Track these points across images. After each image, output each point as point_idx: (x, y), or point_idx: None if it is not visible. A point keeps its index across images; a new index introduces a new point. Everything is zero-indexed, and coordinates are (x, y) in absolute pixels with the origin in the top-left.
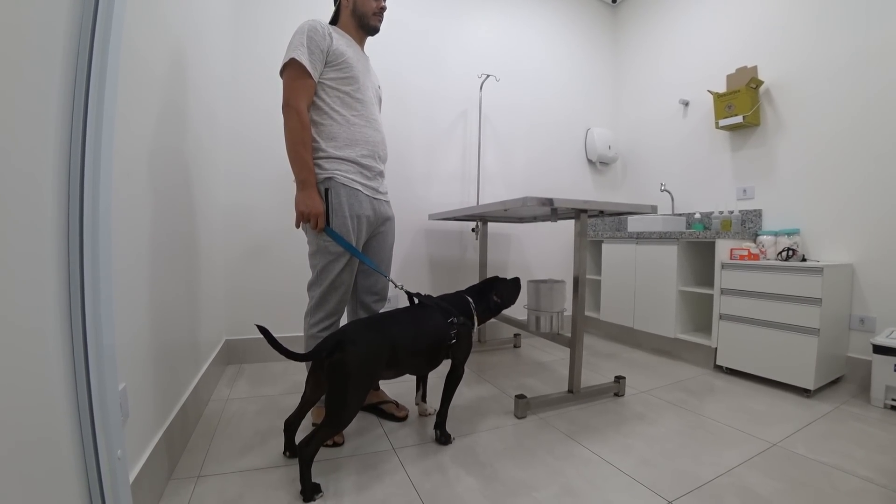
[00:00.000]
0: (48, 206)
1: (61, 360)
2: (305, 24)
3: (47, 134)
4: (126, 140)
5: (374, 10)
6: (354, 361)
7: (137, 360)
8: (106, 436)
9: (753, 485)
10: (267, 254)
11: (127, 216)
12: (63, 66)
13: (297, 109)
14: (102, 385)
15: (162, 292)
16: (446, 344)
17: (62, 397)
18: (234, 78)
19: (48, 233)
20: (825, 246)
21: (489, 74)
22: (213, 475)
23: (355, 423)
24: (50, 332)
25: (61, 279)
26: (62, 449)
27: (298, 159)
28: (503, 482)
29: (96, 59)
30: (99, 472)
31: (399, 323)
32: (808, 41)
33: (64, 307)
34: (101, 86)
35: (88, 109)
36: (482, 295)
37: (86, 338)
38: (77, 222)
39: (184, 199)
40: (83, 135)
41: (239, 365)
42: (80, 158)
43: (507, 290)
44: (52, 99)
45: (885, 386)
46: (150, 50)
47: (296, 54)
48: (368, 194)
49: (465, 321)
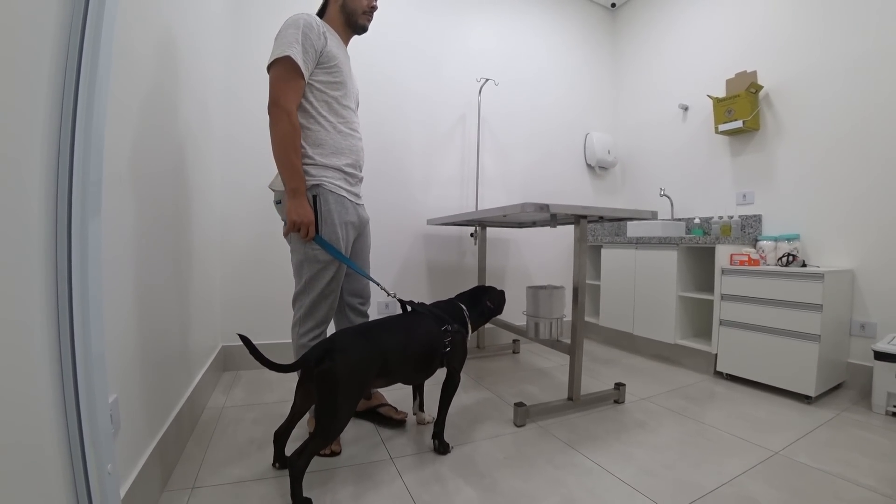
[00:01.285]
0: (34, 210)
1: (48, 371)
2: (300, 18)
3: (34, 135)
4: (117, 142)
5: (365, 9)
6: (344, 370)
7: (129, 370)
8: (95, 450)
9: (756, 494)
10: (263, 260)
11: (116, 220)
12: (52, 65)
13: (288, 111)
14: (91, 396)
15: (154, 298)
16: (441, 352)
17: (49, 410)
18: (228, 81)
19: (34, 239)
20: (825, 251)
21: (488, 79)
22: (207, 486)
23: (352, 431)
24: (36, 341)
25: (48, 285)
26: (49, 464)
27: (290, 166)
28: (503, 493)
29: (86, 57)
30: (88, 488)
31: (390, 330)
32: (808, 46)
33: (51, 315)
34: (91, 84)
35: (77, 111)
36: (475, 301)
37: (74, 347)
38: (65, 225)
39: (176, 202)
40: (72, 135)
41: (235, 372)
42: (69, 160)
43: (497, 297)
44: (41, 99)
45: (887, 392)
46: (143, 48)
47: (290, 51)
48: (353, 200)
49: (458, 328)
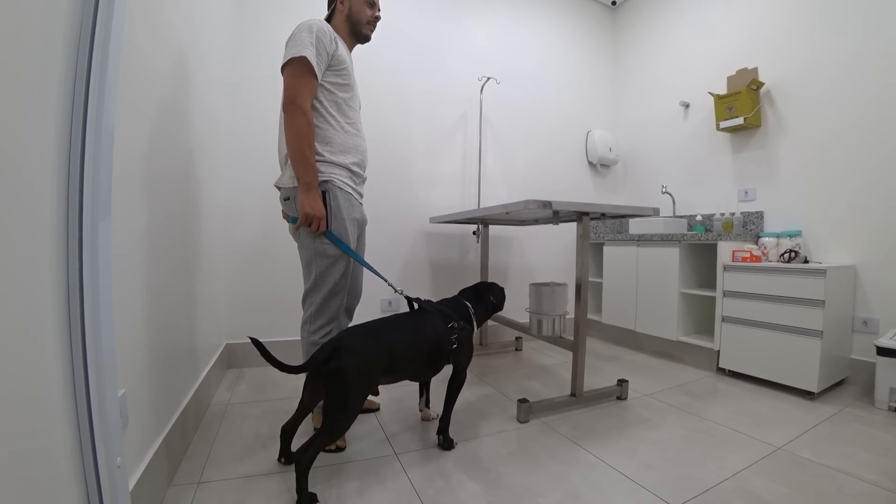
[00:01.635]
0: (47, 210)
1: (60, 366)
2: (312, 23)
3: (46, 136)
4: (126, 142)
5: (369, 19)
6: (352, 369)
7: (137, 365)
8: (105, 443)
9: (759, 489)
10: (268, 257)
11: (126, 219)
12: (62, 67)
13: (304, 108)
14: (102, 391)
15: (162, 296)
16: (447, 349)
17: (60, 404)
18: (233, 79)
19: (47, 236)
20: (827, 247)
21: (490, 77)
22: (213, 481)
23: (356, 428)
24: (48, 336)
25: (60, 283)
26: (60, 457)
27: (305, 161)
28: (507, 488)
29: (96, 59)
30: (98, 481)
31: (397, 329)
32: (808, 42)
33: (63, 311)
34: (101, 86)
35: (88, 110)
36: (478, 298)
37: (84, 343)
38: (76, 225)
39: (183, 202)
40: (83, 136)
41: (240, 369)
42: (80, 161)
43: (499, 293)
44: (52, 100)
45: (889, 388)
46: (151, 50)
47: (305, 52)
48: (357, 199)
49: (465, 325)
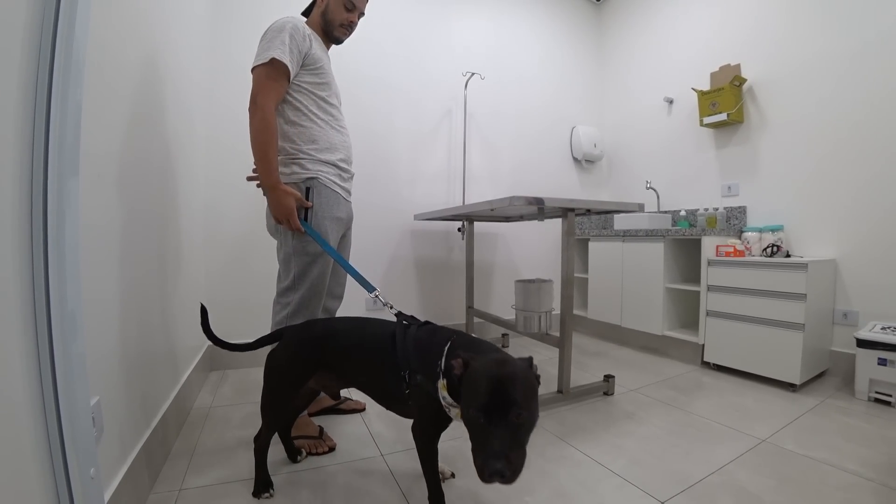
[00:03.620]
0: (7, 206)
1: (26, 373)
2: (286, 21)
3: (5, 131)
4: (97, 142)
5: (343, 22)
6: (278, 357)
7: (112, 371)
8: (77, 454)
9: (744, 482)
10: (249, 259)
11: (99, 220)
12: (22, 62)
13: (265, 108)
14: (73, 399)
15: (138, 298)
16: (398, 388)
17: (28, 414)
18: (210, 79)
19: (7, 236)
20: (809, 242)
21: (474, 73)
22: (195, 488)
23: (342, 427)
24: (11, 341)
25: (23, 283)
26: (30, 470)
27: (266, 161)
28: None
29: (59, 53)
30: (70, 494)
31: (347, 325)
32: (791, 39)
33: (27, 314)
34: (64, 82)
35: (52, 107)
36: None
37: (52, 347)
38: (41, 222)
39: (160, 203)
40: (46, 134)
41: (223, 371)
42: (43, 158)
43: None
44: (10, 95)
45: (869, 379)
46: (121, 46)
47: (277, 53)
48: (344, 196)
49: (422, 380)
